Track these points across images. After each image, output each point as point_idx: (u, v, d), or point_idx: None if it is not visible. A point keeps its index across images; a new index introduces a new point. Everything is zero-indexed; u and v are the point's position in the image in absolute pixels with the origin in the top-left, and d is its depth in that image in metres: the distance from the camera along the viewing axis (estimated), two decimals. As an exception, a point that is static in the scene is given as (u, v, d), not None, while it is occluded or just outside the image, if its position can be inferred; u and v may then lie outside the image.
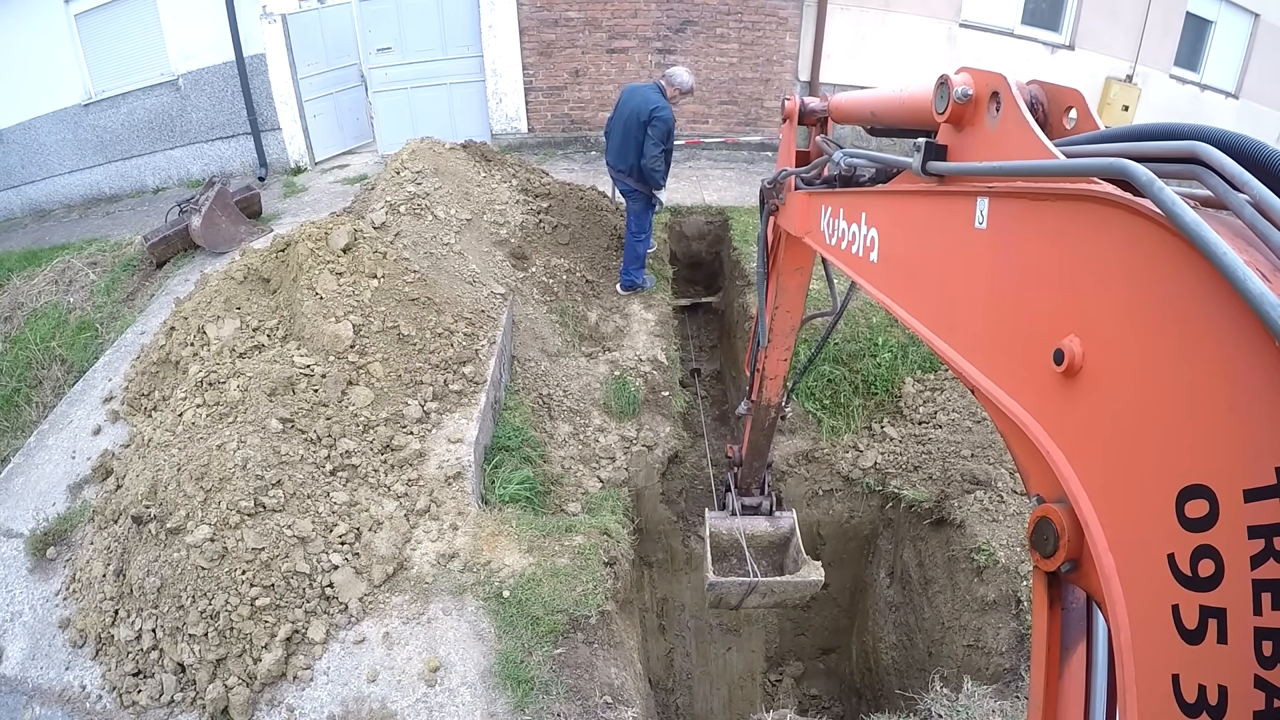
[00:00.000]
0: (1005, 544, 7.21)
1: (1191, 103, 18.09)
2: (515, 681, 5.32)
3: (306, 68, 14.75)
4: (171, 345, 7.68)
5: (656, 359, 9.61)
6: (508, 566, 6.08)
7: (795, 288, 5.52)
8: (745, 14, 15.01)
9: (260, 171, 15.09)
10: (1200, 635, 1.36)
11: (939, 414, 9.22)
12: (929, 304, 2.61)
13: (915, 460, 8.78)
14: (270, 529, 5.68)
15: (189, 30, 14.46)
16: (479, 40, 14.91)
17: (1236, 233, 1.42)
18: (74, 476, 7.42)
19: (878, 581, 9.26)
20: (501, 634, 5.62)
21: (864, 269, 3.23)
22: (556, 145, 15.75)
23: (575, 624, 5.76)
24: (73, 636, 5.86)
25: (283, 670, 5.35)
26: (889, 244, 3.02)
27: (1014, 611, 6.88)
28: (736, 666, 9.87)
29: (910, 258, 2.82)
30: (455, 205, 9.70)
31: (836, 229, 3.64)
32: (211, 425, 6.47)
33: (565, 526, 6.63)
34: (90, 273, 11.79)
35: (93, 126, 15.51)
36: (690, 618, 9.67)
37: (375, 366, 7.21)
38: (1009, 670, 6.66)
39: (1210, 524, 1.35)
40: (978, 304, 2.24)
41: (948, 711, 6.03)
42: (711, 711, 9.61)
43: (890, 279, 2.99)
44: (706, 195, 13.15)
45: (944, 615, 7.85)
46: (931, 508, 8.16)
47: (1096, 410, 1.70)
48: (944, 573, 7.93)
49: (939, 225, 2.52)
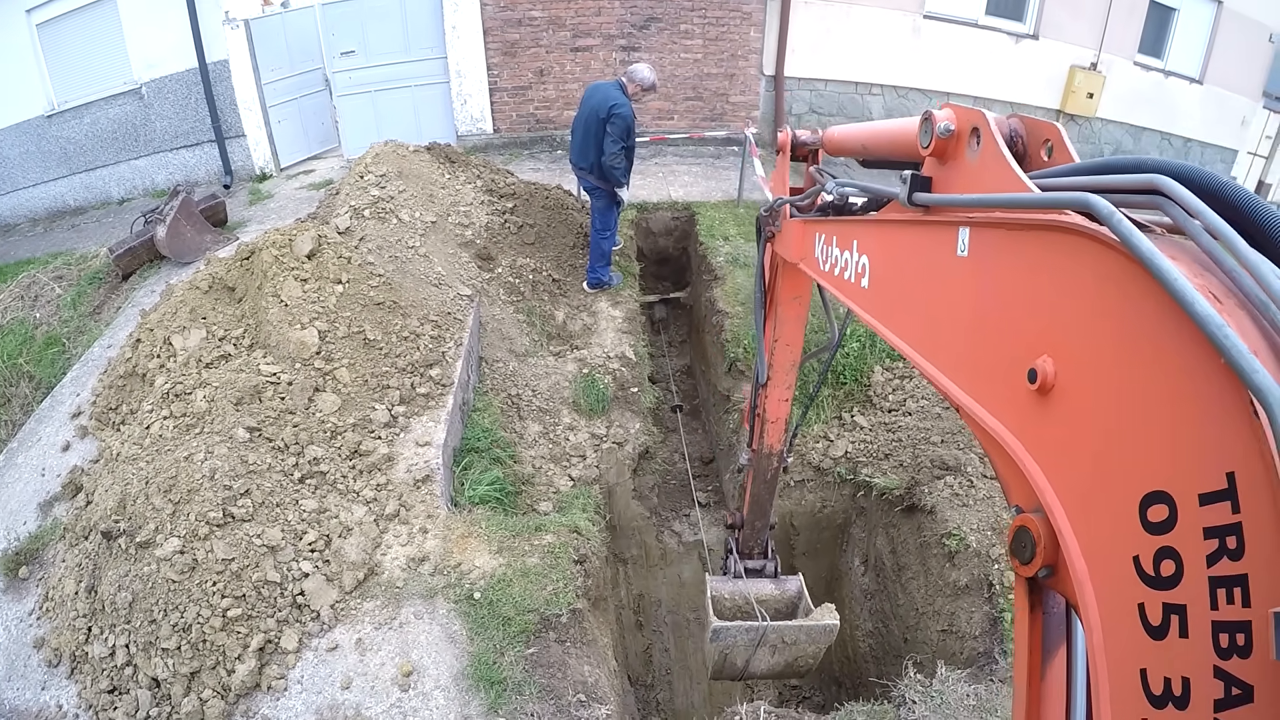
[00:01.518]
0: (976, 528, 7.26)
1: (1156, 89, 18.25)
2: (488, 683, 5.33)
3: (270, 73, 14.68)
4: (138, 358, 7.65)
5: (625, 355, 9.64)
6: (478, 568, 6.09)
7: (794, 318, 5.45)
8: (709, 9, 15.05)
9: (225, 179, 15.01)
10: (1164, 631, 1.45)
11: (908, 401, 9.28)
12: (915, 327, 2.71)
13: (886, 448, 8.82)
14: (240, 539, 5.68)
15: (151, 38, 14.35)
16: (443, 41, 14.90)
17: (1194, 258, 1.52)
18: (44, 494, 7.38)
19: (852, 570, 9.31)
20: (473, 636, 5.63)
21: (856, 294, 3.34)
22: (522, 145, 15.75)
23: (547, 623, 5.77)
24: (47, 656, 5.83)
25: (257, 681, 5.35)
26: (879, 270, 3.13)
27: (986, 595, 6.93)
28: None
29: (898, 283, 2.93)
30: (420, 208, 9.69)
31: (830, 255, 3.75)
32: (179, 437, 6.46)
33: (535, 526, 6.64)
34: (56, 287, 11.72)
35: (56, 138, 15.39)
36: (667, 613, 9.70)
37: (342, 372, 7.21)
38: (983, 654, 6.71)
39: (1170, 527, 1.44)
40: (960, 327, 2.34)
41: (922, 697, 6.08)
42: (692, 705, 9.63)
43: (880, 304, 3.11)
44: (673, 191, 13.19)
45: (918, 601, 7.90)
46: (902, 495, 8.21)
47: (1068, 425, 1.79)
48: (916, 559, 7.99)
49: (924, 253, 2.62)
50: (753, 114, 16.00)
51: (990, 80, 16.76)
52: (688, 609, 9.70)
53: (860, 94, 16.56)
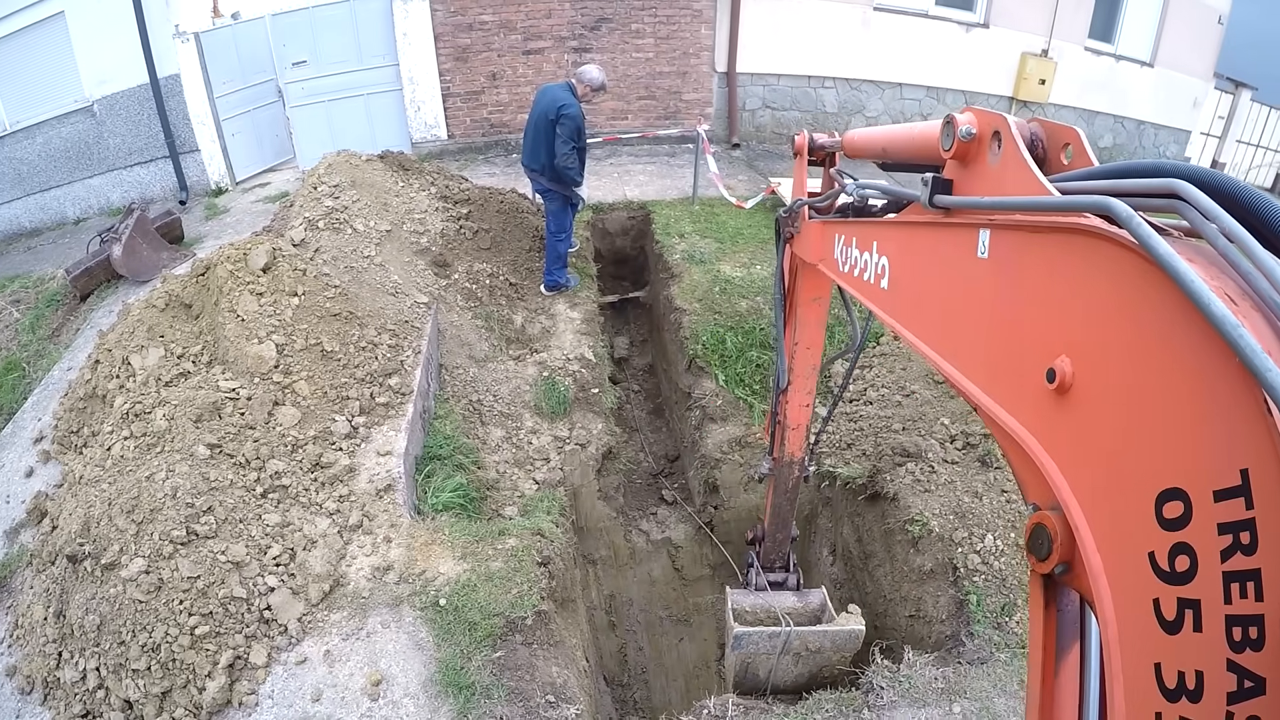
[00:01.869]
0: (938, 513, 7.34)
1: (1107, 74, 18.48)
2: (457, 688, 5.38)
3: (222, 86, 14.59)
4: (97, 379, 7.64)
5: (584, 357, 9.69)
6: (442, 574, 6.13)
7: (814, 320, 5.53)
8: (660, 8, 15.12)
9: (181, 195, 14.91)
10: (1178, 625, 1.51)
11: (869, 390, 9.38)
12: (935, 328, 2.77)
13: (848, 438, 8.91)
14: (204, 556, 5.69)
15: (102, 54, 14.22)
16: (394, 49, 14.89)
17: (1211, 260, 1.57)
18: (9, 521, 7.36)
19: (821, 560, 9.38)
20: (440, 642, 5.67)
21: (875, 295, 3.39)
22: (477, 150, 15.77)
23: (512, 626, 5.82)
24: (20, 684, 5.82)
25: (228, 697, 5.36)
26: (898, 271, 3.18)
27: (951, 579, 7.01)
28: (690, 656, 9.95)
29: (918, 284, 2.99)
30: (374, 217, 9.71)
31: (849, 257, 3.77)
32: (140, 456, 6.45)
33: (498, 530, 6.68)
34: (14, 311, 11.64)
35: (9, 159, 15.20)
36: (639, 612, 9.74)
37: (300, 385, 7.22)
38: (950, 637, 6.79)
39: (1185, 523, 1.50)
40: (979, 328, 2.39)
41: (890, 682, 6.16)
42: (670, 702, 9.66)
43: (899, 305, 3.16)
44: (628, 191, 13.26)
45: (885, 588, 7.98)
46: (865, 483, 8.28)
47: (1085, 424, 1.85)
48: (882, 546, 8.06)
49: (944, 254, 2.67)
50: (706, 111, 16.09)
51: (942, 70, 16.92)
52: (659, 607, 9.76)
53: (813, 87, 16.67)
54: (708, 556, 9.78)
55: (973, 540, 7.01)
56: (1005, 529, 7.01)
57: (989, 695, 5.99)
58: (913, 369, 9.26)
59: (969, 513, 7.19)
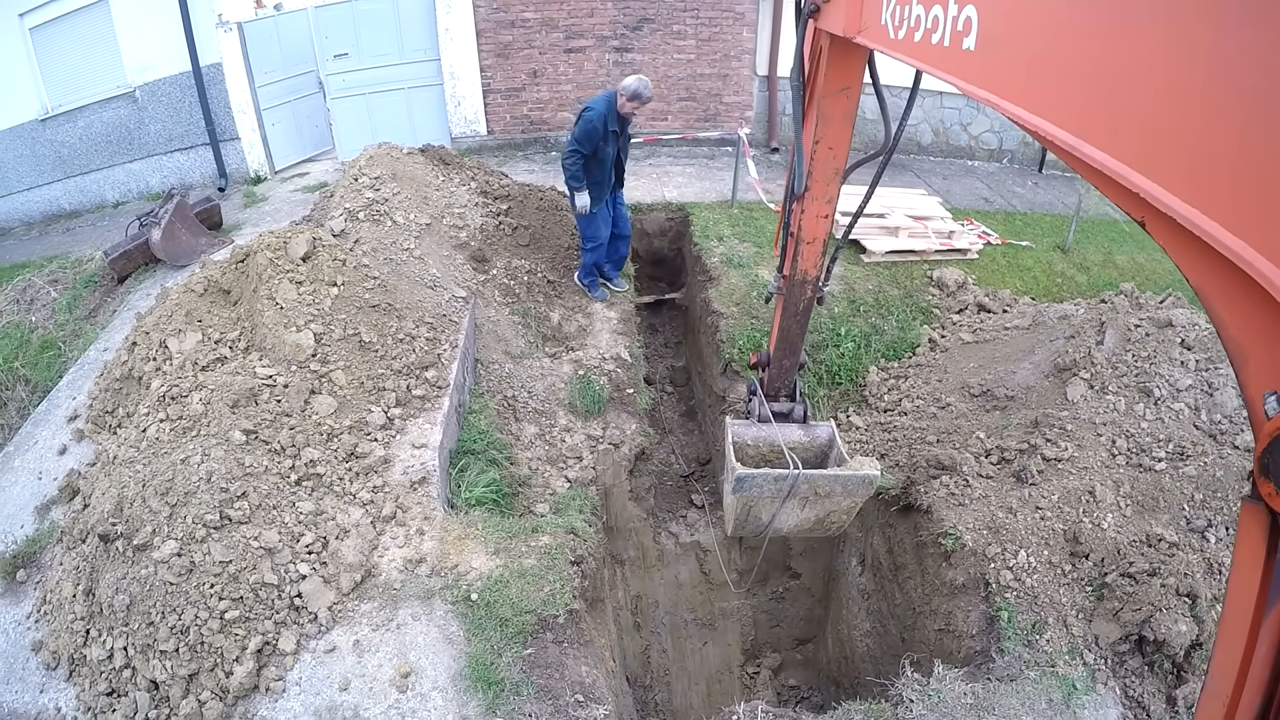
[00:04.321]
0: (971, 528, 7.26)
1: None
2: (486, 684, 5.34)
3: (264, 76, 14.68)
4: (134, 361, 7.65)
5: (620, 357, 9.66)
6: (475, 569, 6.10)
7: (840, 114, 4.85)
8: (702, 10, 15.06)
9: (220, 182, 15.03)
10: None
11: (903, 401, 9.31)
12: (1073, 98, 2.03)
13: (881, 448, 8.83)
14: (237, 541, 5.68)
15: (145, 41, 14.35)
16: (436, 44, 14.90)
17: None
18: (41, 497, 7.38)
19: (849, 570, 9.31)
20: (471, 637, 5.64)
21: (954, 62, 2.67)
22: (516, 147, 15.76)
23: (544, 624, 5.78)
24: (45, 659, 5.84)
25: (255, 682, 5.35)
26: (996, 22, 2.43)
27: (983, 594, 6.94)
28: (713, 660, 9.91)
29: (1037, 35, 2.21)
30: (414, 210, 9.70)
31: (908, 16, 3.05)
32: (175, 440, 6.45)
33: (532, 527, 6.65)
34: (51, 290, 11.71)
35: (50, 142, 15.38)
36: (665, 614, 9.70)
37: (337, 374, 7.21)
38: (980, 653, 6.72)
39: None
40: (1173, 96, 1.67)
41: (919, 696, 6.09)
42: (691, 706, 9.63)
43: (999, 69, 2.41)
44: (667, 192, 13.21)
45: (915, 601, 7.90)
46: (899, 494, 8.20)
47: None
48: (913, 558, 7.98)
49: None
50: (746, 114, 16.02)
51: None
52: (685, 610, 9.71)
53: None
54: (736, 562, 9.72)
55: (1005, 556, 6.93)
56: (1039, 546, 6.92)
57: (1018, 714, 5.92)
58: (949, 381, 9.18)
59: (1003, 528, 7.10)
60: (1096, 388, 7.92)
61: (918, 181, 14.47)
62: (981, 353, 9.39)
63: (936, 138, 16.12)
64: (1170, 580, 6.29)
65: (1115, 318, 8.39)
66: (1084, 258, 11.84)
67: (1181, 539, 6.60)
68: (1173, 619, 6.11)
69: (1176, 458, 7.21)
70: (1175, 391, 7.68)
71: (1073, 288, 11.14)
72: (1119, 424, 7.52)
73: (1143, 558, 6.51)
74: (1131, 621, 6.27)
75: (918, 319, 10.32)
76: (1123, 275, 11.28)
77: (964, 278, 10.81)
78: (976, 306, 10.45)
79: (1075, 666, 6.27)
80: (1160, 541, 6.62)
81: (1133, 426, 7.49)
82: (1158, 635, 6.12)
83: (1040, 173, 15.52)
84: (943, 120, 16.20)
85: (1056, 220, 12.98)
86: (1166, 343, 8.00)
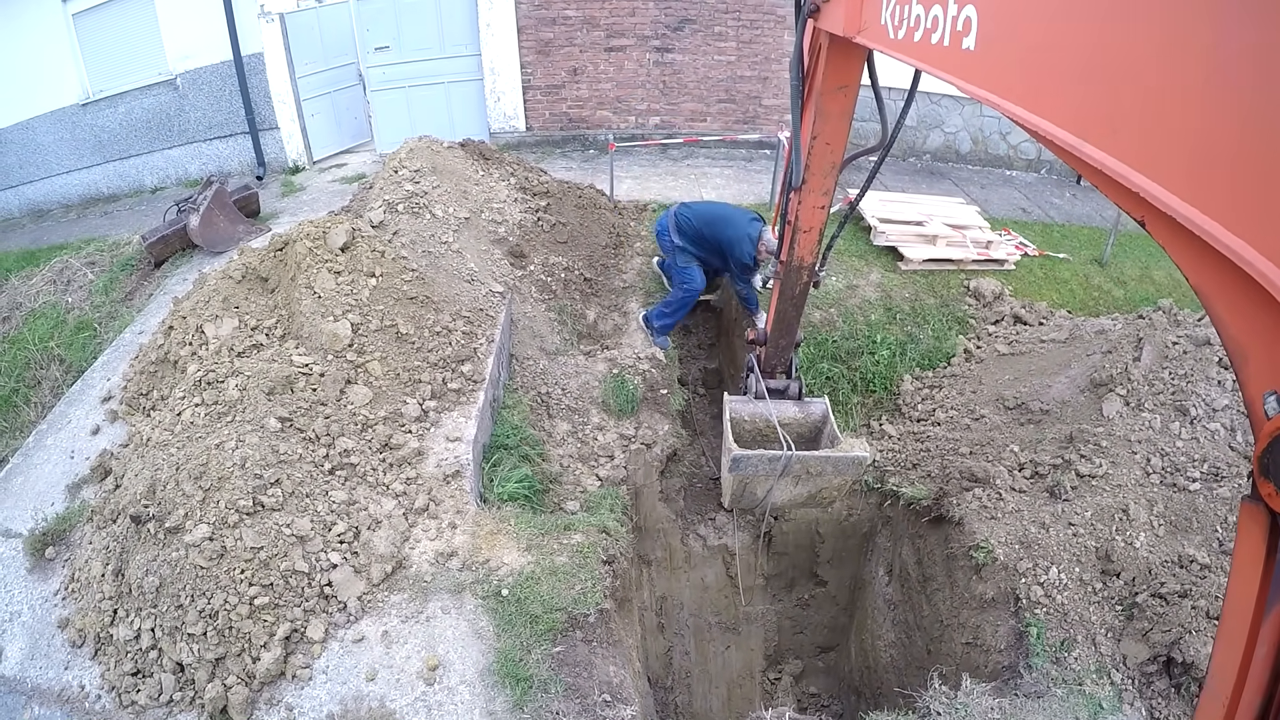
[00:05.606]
0: (1004, 541, 7.19)
1: None
2: (514, 680, 5.31)
3: (304, 67, 14.75)
4: (170, 344, 7.67)
5: (655, 357, 9.62)
6: (506, 565, 6.07)
7: (838, 112, 4.95)
8: (743, 12, 14.99)
9: (258, 171, 15.12)
10: None
11: (937, 411, 9.24)
12: (1072, 98, 2.06)
13: (914, 458, 8.77)
14: (269, 528, 5.67)
15: (187, 29, 14.46)
16: (477, 39, 14.90)
17: None
18: (72, 476, 7.41)
19: (876, 579, 9.26)
20: (500, 632, 5.61)
21: (954, 62, 2.71)
22: (555, 144, 15.75)
23: (574, 622, 5.75)
24: (71, 636, 5.85)
25: (281, 669, 5.35)
26: (996, 21, 2.46)
27: (1012, 609, 6.88)
28: (735, 665, 9.87)
29: (1036, 34, 2.25)
30: (453, 204, 9.69)
31: (906, 16, 3.09)
32: (210, 424, 6.46)
33: (564, 525, 6.62)
34: (88, 272, 11.78)
35: (90, 126, 15.52)
36: (689, 616, 9.66)
37: (373, 365, 7.20)
38: (1007, 668, 6.67)
39: None
40: (1173, 95, 1.71)
41: (946, 709, 6.04)
42: (711, 710, 9.60)
43: (999, 69, 2.46)
44: (704, 193, 13.14)
45: (943, 613, 7.84)
46: (930, 505, 8.14)
47: None
48: (942, 570, 7.93)
49: None
50: (785, 118, 15.93)
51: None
52: (710, 613, 9.67)
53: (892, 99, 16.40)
54: (762, 567, 9.67)
55: (1037, 571, 6.87)
56: (1070, 562, 6.85)
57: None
58: (983, 392, 9.10)
59: (1035, 543, 7.04)
60: (1132, 405, 7.83)
61: (956, 190, 14.34)
62: (1017, 365, 9.31)
63: (975, 146, 15.99)
64: (1201, 602, 6.22)
65: (1153, 334, 8.29)
66: (1121, 272, 11.70)
67: (1214, 561, 6.52)
68: (1202, 641, 6.05)
69: (1211, 478, 7.12)
70: (1212, 411, 7.59)
71: (1109, 302, 11.02)
72: (1154, 442, 7.44)
73: (1174, 578, 6.44)
74: (1160, 642, 6.21)
75: (953, 329, 10.23)
76: (1160, 291, 11.15)
77: (1000, 288, 10.71)
78: (1012, 318, 10.35)
79: (1103, 685, 6.20)
80: (1192, 563, 6.55)
81: (1168, 445, 7.40)
82: (1186, 657, 6.05)
83: (1078, 184, 15.34)
84: (981, 129, 16.05)
85: (1094, 233, 12.83)
86: (1204, 361, 7.91)
